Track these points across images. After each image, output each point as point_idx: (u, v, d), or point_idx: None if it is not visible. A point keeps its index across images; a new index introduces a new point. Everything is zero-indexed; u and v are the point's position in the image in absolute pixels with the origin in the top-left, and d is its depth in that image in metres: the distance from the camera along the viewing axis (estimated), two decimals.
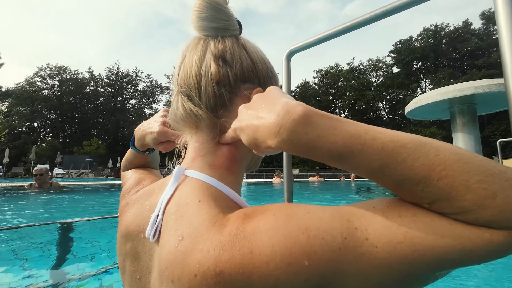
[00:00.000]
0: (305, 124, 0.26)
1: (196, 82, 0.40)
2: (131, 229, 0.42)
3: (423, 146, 0.24)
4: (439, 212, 0.24)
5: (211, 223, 0.30)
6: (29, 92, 39.34)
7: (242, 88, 0.41)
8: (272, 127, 0.28)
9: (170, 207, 0.36)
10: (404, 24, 63.25)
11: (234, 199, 0.37)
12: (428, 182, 0.23)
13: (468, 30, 36.71)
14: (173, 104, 0.44)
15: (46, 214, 3.57)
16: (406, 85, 39.93)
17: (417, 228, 0.23)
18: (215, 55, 0.40)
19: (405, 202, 0.26)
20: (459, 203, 0.22)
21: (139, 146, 0.59)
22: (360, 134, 0.25)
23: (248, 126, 0.32)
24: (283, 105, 0.28)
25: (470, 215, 0.22)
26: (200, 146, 0.41)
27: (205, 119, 0.40)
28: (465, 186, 0.22)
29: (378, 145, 0.24)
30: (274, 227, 0.26)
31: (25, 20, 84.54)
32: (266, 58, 0.46)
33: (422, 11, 65.34)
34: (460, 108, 6.00)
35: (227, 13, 0.41)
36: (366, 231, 0.24)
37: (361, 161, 0.25)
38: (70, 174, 20.30)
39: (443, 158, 0.23)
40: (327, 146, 0.26)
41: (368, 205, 0.27)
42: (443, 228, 0.23)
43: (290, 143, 0.27)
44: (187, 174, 0.39)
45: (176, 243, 0.31)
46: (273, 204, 0.30)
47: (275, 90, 0.34)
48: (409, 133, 0.26)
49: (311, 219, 0.26)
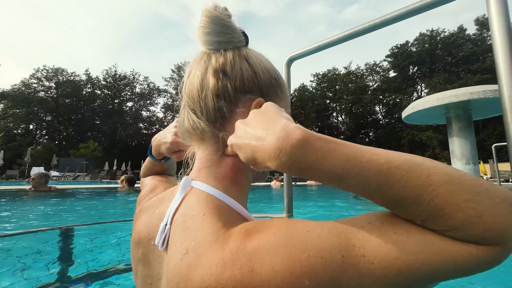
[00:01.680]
0: (304, 148, 0.27)
1: (198, 96, 0.42)
2: (142, 236, 0.44)
3: (416, 167, 0.25)
4: (431, 229, 0.25)
5: (214, 238, 0.31)
6: (25, 94, 38.99)
7: (243, 99, 0.42)
8: (272, 149, 0.28)
9: (177, 218, 0.37)
10: (401, 29, 64.11)
11: (238, 210, 0.37)
12: (421, 201, 0.24)
13: (463, 35, 37.29)
14: (180, 117, 0.47)
15: (43, 217, 3.53)
16: (402, 89, 40.33)
17: (411, 245, 0.24)
18: (215, 68, 0.41)
19: (398, 218, 0.27)
20: (449, 221, 0.24)
21: (155, 155, 0.64)
22: (357, 156, 0.26)
23: (246, 145, 0.32)
24: (282, 128, 0.29)
25: (459, 232, 0.24)
26: (206, 158, 0.43)
27: (207, 131, 0.42)
28: (454, 206, 0.23)
29: (374, 167, 0.25)
30: (275, 246, 0.26)
31: (22, 21, 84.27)
32: (272, 67, 0.46)
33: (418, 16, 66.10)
34: (456, 113, 6.08)
35: (230, 26, 0.42)
36: (364, 248, 0.25)
37: (358, 182, 0.26)
38: (66, 177, 20.09)
39: (435, 179, 0.24)
40: (326, 169, 0.26)
41: (364, 220, 0.28)
42: (435, 244, 0.24)
43: (289, 166, 0.28)
44: (193, 185, 0.40)
45: (181, 256, 0.32)
46: (273, 221, 0.30)
47: (272, 108, 0.35)
48: (402, 152, 0.27)
49: (311, 238, 0.26)
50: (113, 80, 46.69)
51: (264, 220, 0.31)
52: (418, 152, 39.46)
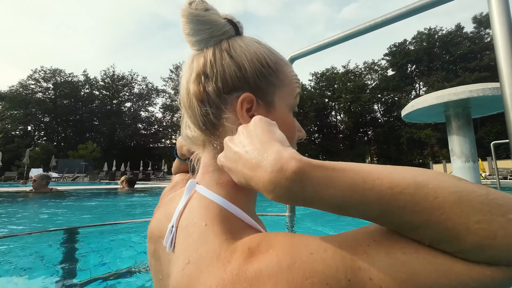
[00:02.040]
0: (301, 181, 0.25)
1: (187, 104, 0.41)
2: (154, 233, 0.45)
3: (421, 190, 0.23)
4: (440, 249, 0.24)
5: (216, 255, 0.30)
6: (22, 95, 38.79)
7: (229, 100, 0.39)
8: (266, 184, 0.27)
9: (182, 221, 0.37)
10: (399, 28, 64.23)
11: (242, 218, 0.36)
12: (428, 225, 0.23)
13: (461, 33, 37.42)
14: (182, 124, 0.46)
15: (44, 218, 3.53)
16: (401, 88, 40.43)
17: (420, 266, 0.23)
18: (198, 72, 0.39)
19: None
20: (459, 245, 0.22)
21: (180, 155, 0.67)
22: (358, 184, 0.24)
23: (238, 172, 0.31)
24: (275, 158, 0.27)
25: (471, 255, 0.22)
26: (208, 163, 0.41)
27: (200, 139, 0.41)
28: (465, 228, 0.22)
29: (377, 194, 0.24)
30: (277, 271, 0.25)
31: (18, 22, 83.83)
32: (262, 53, 0.41)
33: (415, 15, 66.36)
34: (455, 111, 6.10)
35: (207, 21, 0.38)
36: (370, 270, 0.24)
37: (360, 210, 0.25)
38: (65, 178, 20.04)
39: (442, 201, 0.22)
40: (326, 199, 0.25)
41: (369, 237, 0.26)
42: (445, 266, 0.23)
43: (286, 200, 0.26)
44: (197, 189, 0.40)
45: (183, 266, 0.32)
46: (277, 237, 0.29)
47: (261, 126, 0.32)
48: (407, 167, 0.26)
49: (315, 261, 0.25)
50: (111, 81, 46.53)
51: (267, 235, 0.30)
52: (417, 150, 39.62)
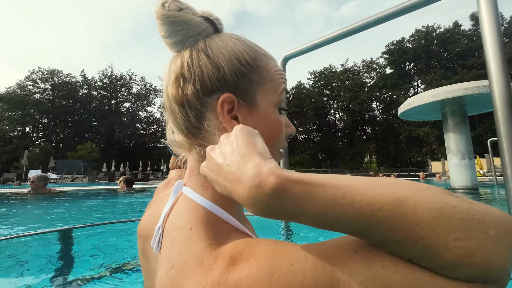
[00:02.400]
0: (280, 197, 0.25)
1: (169, 109, 0.40)
2: (144, 232, 0.45)
3: (401, 206, 0.23)
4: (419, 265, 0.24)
5: (198, 261, 0.30)
6: (20, 96, 38.75)
7: (209, 102, 0.38)
8: (246, 198, 0.27)
9: (168, 223, 0.37)
10: (396, 26, 64.26)
11: (228, 220, 0.36)
12: (406, 243, 0.23)
13: (458, 31, 37.51)
14: (167, 127, 0.45)
15: (43, 219, 3.54)
16: (399, 86, 40.52)
17: (399, 281, 0.23)
18: (176, 75, 0.38)
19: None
20: (437, 262, 0.22)
21: (175, 152, 0.67)
22: (337, 200, 0.24)
23: (220, 184, 0.31)
24: (254, 174, 0.27)
25: (448, 272, 0.22)
26: (193, 166, 0.41)
27: (184, 143, 0.41)
28: (443, 246, 0.21)
29: (356, 211, 0.24)
30: (257, 283, 0.25)
31: (16, 22, 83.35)
32: (241, 50, 0.39)
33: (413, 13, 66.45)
34: (451, 109, 6.14)
35: (180, 21, 0.37)
36: (349, 283, 0.24)
37: (340, 226, 0.25)
38: (64, 179, 20.02)
39: (421, 218, 0.22)
40: (305, 215, 0.25)
41: (351, 248, 0.26)
42: (424, 282, 0.23)
43: (266, 215, 0.26)
44: (184, 191, 0.40)
45: (167, 270, 0.32)
46: (260, 246, 0.29)
47: (243, 137, 0.31)
48: (390, 180, 0.26)
49: (295, 273, 0.25)
50: (110, 81, 46.50)
51: (250, 243, 0.30)
52: (415, 148, 39.72)
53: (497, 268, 0.22)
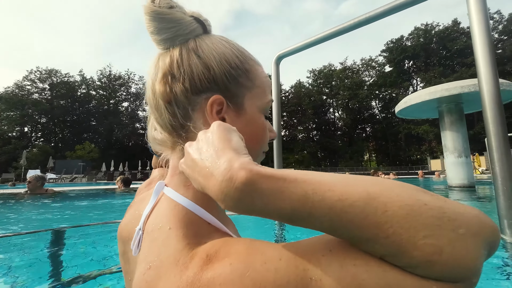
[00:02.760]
0: (249, 193, 0.25)
1: (154, 105, 0.39)
2: (123, 234, 0.44)
3: (371, 203, 0.23)
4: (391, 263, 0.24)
5: (175, 260, 0.30)
6: (18, 96, 38.59)
7: (198, 101, 0.38)
8: (217, 193, 0.27)
9: (148, 225, 0.37)
10: (395, 24, 64.19)
11: (209, 220, 0.36)
12: (377, 240, 0.23)
13: (457, 29, 37.46)
14: (148, 126, 0.44)
15: (38, 220, 3.54)
16: (398, 84, 40.53)
17: (370, 280, 0.23)
18: (164, 72, 0.38)
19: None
20: (406, 260, 0.22)
21: (156, 152, 0.65)
22: (307, 196, 0.24)
23: (195, 179, 0.31)
24: (226, 168, 0.26)
25: (418, 270, 0.22)
26: (176, 165, 0.40)
27: (168, 141, 0.40)
28: (411, 243, 0.22)
29: (326, 206, 0.24)
30: (229, 281, 0.25)
31: (13, 22, 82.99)
32: (231, 53, 0.40)
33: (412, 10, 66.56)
34: (448, 107, 6.13)
35: (172, 19, 0.37)
36: (321, 281, 0.24)
37: (310, 222, 0.25)
38: (63, 179, 20.00)
39: (391, 215, 0.22)
40: (275, 212, 0.25)
41: (326, 247, 0.26)
42: (394, 280, 0.23)
43: (237, 210, 0.26)
44: (165, 191, 0.39)
45: (144, 271, 0.32)
46: (235, 244, 0.29)
47: (219, 133, 0.31)
48: (365, 177, 0.26)
49: (268, 271, 0.25)
50: (108, 81, 46.37)
51: (227, 242, 0.30)
52: (415, 146, 39.78)
53: (466, 266, 0.22)
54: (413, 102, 6.20)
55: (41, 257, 2.02)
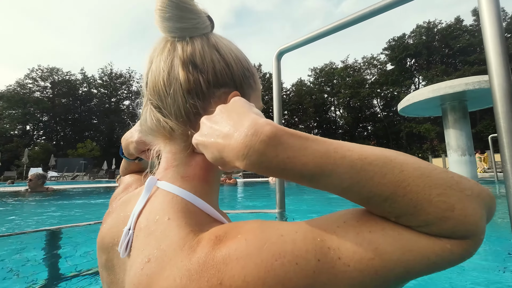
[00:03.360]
0: (275, 146, 0.25)
1: (165, 92, 0.37)
2: (106, 241, 0.41)
3: (389, 163, 0.25)
4: (405, 225, 0.25)
5: (180, 246, 0.28)
6: (20, 94, 38.60)
7: (216, 94, 0.38)
8: (240, 148, 0.26)
9: (140, 222, 0.35)
10: (397, 22, 63.89)
11: (208, 211, 0.35)
12: (395, 198, 0.24)
13: (460, 26, 37.14)
14: (142, 115, 0.42)
15: (39, 218, 3.52)
16: (400, 82, 40.26)
17: (387, 244, 0.24)
18: (184, 60, 0.37)
19: (373, 215, 0.27)
20: (423, 217, 0.24)
21: (127, 155, 0.60)
22: (330, 153, 0.25)
23: (212, 144, 0.30)
24: (250, 124, 0.27)
25: (433, 227, 0.24)
26: (173, 157, 0.39)
27: (176, 130, 0.38)
28: (427, 201, 0.23)
29: (348, 164, 0.24)
30: (246, 254, 0.25)
31: (15, 21, 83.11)
32: (242, 55, 0.42)
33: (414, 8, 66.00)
34: (452, 104, 6.06)
35: (194, 10, 0.37)
36: (339, 250, 0.24)
37: (332, 180, 0.25)
38: (64, 177, 20.04)
39: (407, 174, 0.24)
40: (298, 167, 0.25)
41: (339, 219, 0.27)
42: (410, 242, 0.24)
43: (259, 165, 0.26)
44: (159, 185, 0.38)
45: (142, 265, 0.30)
46: (246, 224, 0.29)
47: (240, 103, 0.33)
48: (375, 147, 0.27)
49: (285, 242, 0.25)
50: (109, 79, 46.31)
51: (236, 224, 0.30)
52: (416, 144, 39.62)
53: (474, 223, 0.24)
54: (416, 100, 6.13)
55: (39, 256, 1.99)
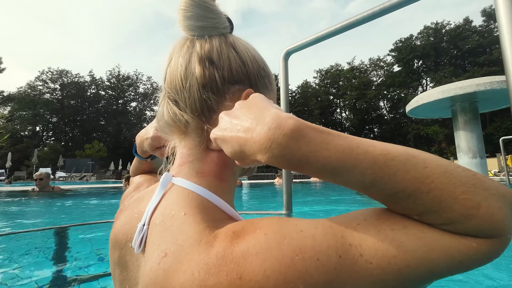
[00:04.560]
0: (298, 139, 0.25)
1: (182, 86, 0.39)
2: (119, 237, 0.41)
3: (412, 159, 0.24)
4: (428, 223, 0.24)
5: (197, 241, 0.28)
6: (31, 96, 39.53)
7: (231, 90, 0.39)
8: (263, 141, 0.26)
9: (155, 217, 0.35)
10: (404, 23, 63.28)
11: (223, 208, 0.35)
12: (419, 194, 0.23)
13: (469, 27, 36.53)
14: (159, 110, 0.44)
15: (47, 218, 3.56)
16: (407, 84, 39.78)
17: (409, 241, 0.24)
18: (201, 56, 0.38)
19: (394, 213, 0.26)
20: (447, 214, 0.23)
21: (140, 153, 0.61)
22: (352, 148, 0.25)
23: (233, 138, 0.30)
24: (273, 118, 0.27)
25: (458, 225, 0.23)
26: (188, 152, 0.40)
27: (191, 124, 0.39)
28: (452, 198, 0.23)
29: (370, 159, 0.24)
30: (266, 249, 0.24)
31: (26, 24, 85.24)
32: (259, 56, 0.44)
33: (422, 9, 65.27)
34: (462, 106, 5.94)
35: (214, 10, 0.39)
36: (360, 246, 0.24)
37: (353, 176, 0.25)
38: (72, 177, 20.36)
39: (431, 171, 0.24)
40: (321, 161, 0.25)
41: (359, 217, 0.27)
42: (433, 240, 0.23)
43: (282, 159, 0.26)
44: (174, 181, 0.38)
45: (159, 260, 0.29)
46: (263, 220, 0.28)
47: (260, 98, 0.33)
48: (397, 145, 0.26)
49: (305, 238, 0.25)
50: (117, 81, 47.00)
51: (252, 220, 0.29)
52: (424, 147, 39.00)
53: (501, 222, 0.23)
54: (425, 101, 6.03)
55: (48, 255, 2.01)
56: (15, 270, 1.69)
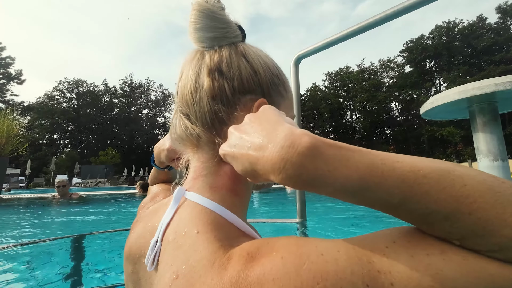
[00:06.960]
0: (314, 158, 0.23)
1: (192, 99, 0.38)
2: (133, 251, 0.40)
3: (447, 175, 0.21)
4: (470, 249, 0.21)
5: (210, 263, 0.27)
6: (49, 105, 41.32)
7: (242, 100, 0.38)
8: (275, 161, 0.24)
9: (168, 234, 0.34)
10: (414, 23, 62.13)
11: (237, 224, 0.33)
12: (458, 216, 0.20)
13: (483, 25, 35.46)
14: (172, 123, 0.43)
15: (69, 225, 3.65)
16: (419, 85, 38.87)
17: (449, 269, 0.20)
18: (210, 67, 0.38)
19: (428, 236, 0.23)
20: (495, 239, 0.20)
21: (158, 163, 0.62)
22: (376, 165, 0.22)
23: (243, 155, 0.29)
24: (286, 135, 0.25)
25: (508, 253, 0.20)
26: (201, 166, 0.39)
27: (202, 137, 0.38)
28: (500, 220, 0.19)
29: (398, 177, 0.22)
30: (284, 275, 0.22)
31: (44, 35, 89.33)
32: (272, 63, 0.42)
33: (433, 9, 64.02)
34: (480, 106, 5.69)
35: (223, 20, 0.38)
36: (391, 274, 0.21)
37: (379, 195, 0.22)
38: (88, 183, 20.92)
39: (471, 189, 0.20)
40: (340, 181, 0.23)
41: (387, 239, 0.23)
42: (476, 267, 0.20)
43: (297, 179, 0.24)
44: (187, 196, 0.37)
45: (170, 282, 0.28)
46: (280, 240, 0.26)
47: (271, 111, 0.31)
48: (428, 158, 0.23)
49: (327, 262, 0.22)
50: (129, 89, 48.39)
51: (268, 240, 0.27)
52: (439, 149, 37.82)
53: None
54: (440, 102, 5.82)
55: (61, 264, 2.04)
56: (37, 278, 1.73)
